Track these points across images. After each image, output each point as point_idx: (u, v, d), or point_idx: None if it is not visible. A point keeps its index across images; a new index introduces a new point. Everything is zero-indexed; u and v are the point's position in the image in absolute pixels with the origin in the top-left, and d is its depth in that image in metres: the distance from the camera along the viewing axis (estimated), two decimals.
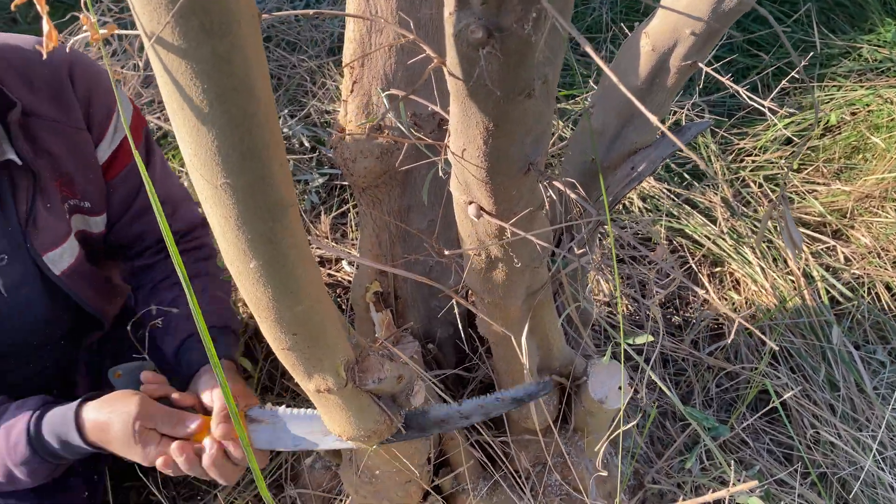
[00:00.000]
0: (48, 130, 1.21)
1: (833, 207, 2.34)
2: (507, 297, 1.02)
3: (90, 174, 1.29)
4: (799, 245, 0.75)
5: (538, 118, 0.65)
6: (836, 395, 1.82)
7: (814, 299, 2.04)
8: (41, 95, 1.20)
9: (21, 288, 1.27)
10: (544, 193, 0.80)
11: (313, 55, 2.87)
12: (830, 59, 2.83)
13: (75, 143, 1.25)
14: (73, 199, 1.29)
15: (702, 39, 1.00)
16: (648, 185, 2.37)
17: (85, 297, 1.37)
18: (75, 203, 1.30)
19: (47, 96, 1.20)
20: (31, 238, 1.23)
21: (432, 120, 1.17)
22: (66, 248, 1.30)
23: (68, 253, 1.31)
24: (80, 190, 1.29)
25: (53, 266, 1.28)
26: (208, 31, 0.51)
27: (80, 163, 1.27)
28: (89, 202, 1.32)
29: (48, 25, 0.51)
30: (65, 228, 1.29)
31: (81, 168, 1.28)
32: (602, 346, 1.91)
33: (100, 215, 1.36)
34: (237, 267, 0.71)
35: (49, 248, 1.27)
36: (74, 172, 1.27)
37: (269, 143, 0.61)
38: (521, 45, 0.53)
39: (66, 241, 1.30)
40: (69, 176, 1.26)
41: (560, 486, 1.35)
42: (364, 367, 0.94)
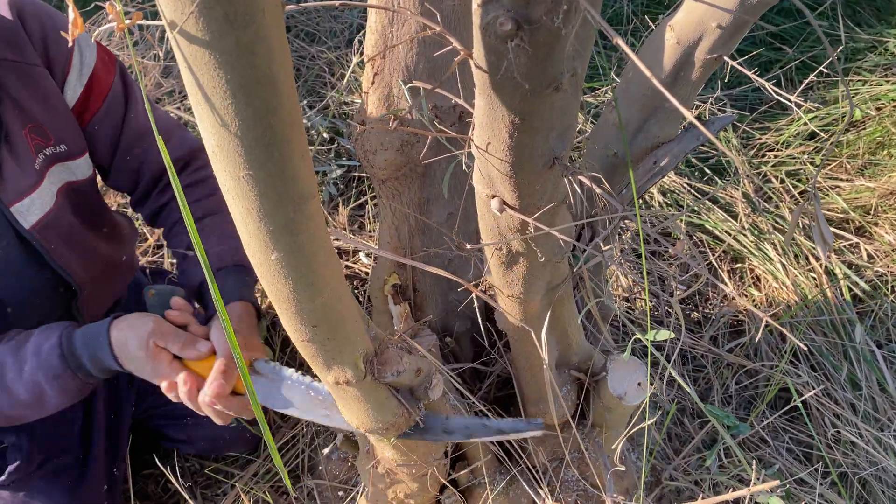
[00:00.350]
0: (7, 72, 1.17)
1: (856, 204, 2.31)
2: (527, 291, 1.01)
3: (57, 113, 1.25)
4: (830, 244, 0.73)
5: (565, 112, 0.64)
6: (857, 394, 1.80)
7: (836, 297, 2.01)
8: None
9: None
10: (568, 188, 0.79)
11: (332, 46, 2.86)
12: (856, 54, 2.78)
13: (36, 82, 1.21)
14: (48, 147, 1.25)
15: (728, 32, 0.99)
16: (669, 179, 2.34)
17: (57, 255, 1.31)
18: (51, 151, 1.25)
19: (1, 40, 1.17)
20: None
21: (453, 113, 1.16)
22: (35, 198, 1.24)
23: (38, 204, 1.25)
24: (52, 134, 1.25)
25: (22, 218, 1.23)
26: (232, 22, 0.51)
27: (46, 103, 1.23)
28: (65, 145, 1.27)
29: (73, 13, 0.51)
30: (34, 178, 1.24)
31: (46, 107, 1.23)
32: (621, 341, 1.90)
33: (80, 157, 1.31)
34: (258, 258, 0.71)
35: (16, 199, 1.22)
36: (41, 115, 1.23)
37: (292, 135, 0.60)
38: (551, 37, 0.52)
39: (35, 191, 1.24)
40: (37, 121, 1.22)
41: (577, 481, 1.34)
42: (383, 360, 0.94)
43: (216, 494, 1.70)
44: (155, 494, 1.71)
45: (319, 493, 1.56)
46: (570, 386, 1.29)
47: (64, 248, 1.33)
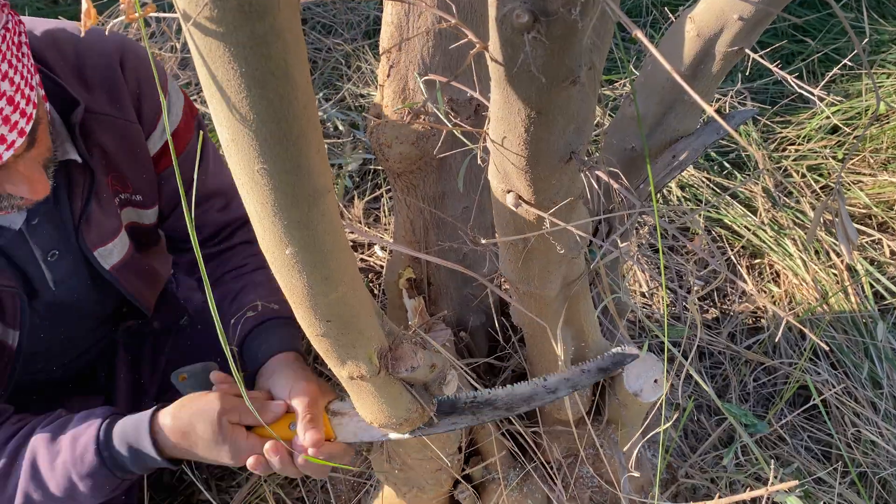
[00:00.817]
0: (101, 125, 1.19)
1: (880, 199, 2.27)
2: (543, 287, 1.00)
3: (141, 168, 1.28)
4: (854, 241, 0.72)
5: (582, 106, 0.63)
6: (878, 392, 1.77)
7: (857, 294, 1.98)
8: (94, 89, 1.17)
9: (68, 281, 1.28)
10: (585, 183, 0.78)
11: (349, 38, 2.86)
12: (880, 46, 2.73)
13: (127, 138, 1.23)
14: (125, 193, 1.28)
15: (750, 24, 0.97)
16: (687, 173, 2.32)
17: (132, 290, 1.37)
18: (126, 196, 1.29)
19: (100, 90, 1.18)
20: (83, 234, 1.23)
21: (469, 106, 1.16)
22: (117, 243, 1.30)
23: (118, 248, 1.31)
24: (131, 184, 1.28)
25: (104, 261, 1.28)
26: (247, 13, 0.50)
27: (132, 157, 1.25)
28: (141, 195, 1.31)
29: (86, 4, 0.51)
30: (115, 224, 1.28)
31: (133, 162, 1.26)
32: (637, 337, 1.88)
33: (151, 208, 1.35)
34: (273, 253, 0.70)
35: (100, 244, 1.27)
36: (126, 168, 1.25)
37: (307, 128, 0.60)
38: (568, 30, 0.51)
39: (118, 237, 1.29)
40: (121, 171, 1.25)
41: (592, 478, 1.33)
42: (397, 355, 0.94)
43: (230, 486, 1.71)
44: (170, 485, 1.72)
45: (333, 486, 1.56)
46: None
47: (137, 281, 1.38)
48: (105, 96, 1.19)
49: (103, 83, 1.18)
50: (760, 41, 2.66)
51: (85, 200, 1.20)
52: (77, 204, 1.20)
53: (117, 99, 1.20)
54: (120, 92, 1.20)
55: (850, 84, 2.62)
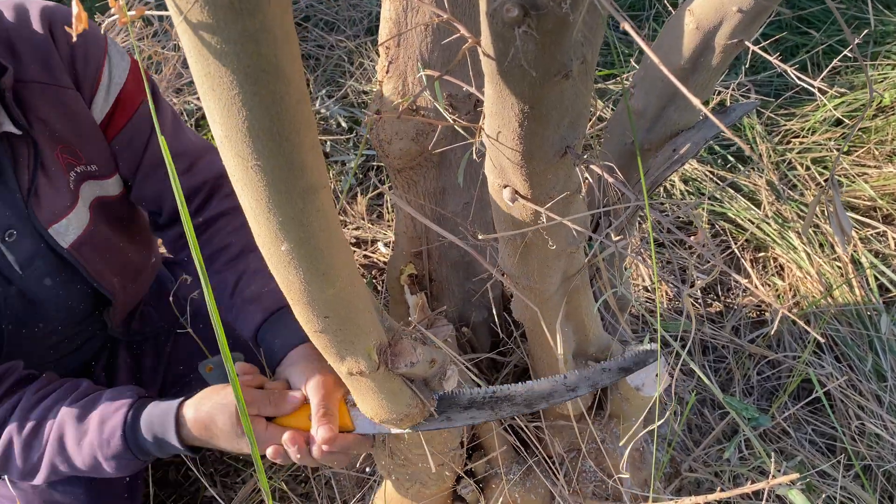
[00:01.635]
0: (37, 95, 1.15)
1: (884, 191, 2.26)
2: (542, 281, 1.00)
3: (88, 136, 1.23)
4: (849, 233, 0.71)
5: (575, 100, 0.63)
6: (883, 385, 1.76)
7: (862, 287, 1.97)
8: (25, 58, 1.14)
9: (33, 261, 1.24)
10: (581, 177, 0.78)
11: (351, 35, 2.86)
12: (885, 37, 2.71)
13: (65, 104, 1.19)
14: (79, 166, 1.24)
15: (749, 17, 0.96)
16: (690, 167, 2.31)
17: (94, 270, 1.31)
18: (82, 170, 1.24)
19: (31, 58, 1.14)
20: (34, 210, 1.19)
21: (468, 101, 1.16)
22: (72, 218, 1.25)
23: (74, 224, 1.25)
24: (83, 154, 1.24)
25: (60, 238, 1.24)
26: (237, 10, 0.51)
27: (75, 124, 1.21)
28: (95, 165, 1.26)
29: (77, 7, 0.51)
30: (69, 199, 1.24)
31: (77, 130, 1.21)
32: (640, 331, 1.88)
33: (111, 177, 1.29)
34: (269, 249, 0.70)
35: (54, 220, 1.22)
36: (72, 136, 1.21)
37: (300, 125, 0.60)
38: (559, 24, 0.51)
39: (72, 212, 1.24)
40: (67, 141, 1.21)
41: (594, 472, 1.33)
42: (396, 351, 0.94)
43: (235, 482, 1.72)
44: (175, 481, 1.73)
45: (337, 481, 1.57)
46: None
47: (100, 262, 1.32)
48: (37, 65, 1.15)
49: (35, 52, 1.15)
50: (763, 33, 2.65)
51: (32, 174, 1.17)
52: (24, 177, 1.16)
53: (49, 66, 1.16)
54: (51, 58, 1.16)
55: (854, 76, 2.60)
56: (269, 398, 1.10)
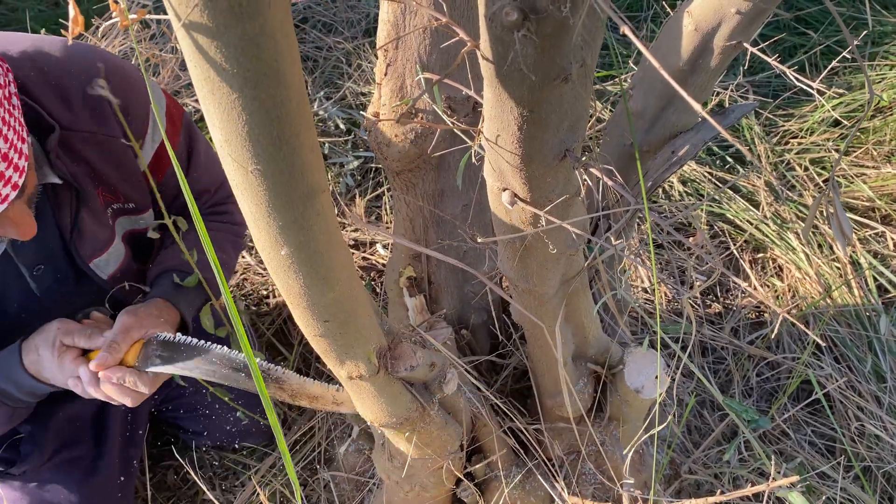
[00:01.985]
0: (85, 142, 1.20)
1: (883, 192, 2.26)
2: (541, 284, 1.00)
3: (130, 178, 1.29)
4: (849, 236, 0.71)
5: (575, 103, 0.63)
6: (882, 386, 1.76)
7: (861, 287, 1.97)
8: (77, 109, 1.18)
9: (54, 288, 1.30)
10: (580, 180, 0.78)
11: (349, 36, 2.86)
12: (883, 37, 2.72)
13: (112, 152, 1.24)
14: (117, 203, 1.30)
15: (748, 19, 0.97)
16: (689, 168, 2.31)
17: (125, 296, 1.39)
18: (119, 206, 1.31)
19: (83, 109, 1.19)
20: (76, 246, 1.25)
21: (467, 104, 1.15)
22: (112, 252, 1.32)
23: (114, 258, 1.33)
24: (122, 194, 1.30)
25: (100, 271, 1.31)
26: (237, 14, 0.50)
27: (119, 169, 1.26)
28: (133, 203, 1.32)
29: (74, 10, 0.51)
30: (108, 234, 1.30)
31: (120, 174, 1.27)
32: (639, 333, 1.88)
33: (146, 212, 1.36)
34: (269, 254, 0.70)
35: (95, 255, 1.29)
36: (114, 179, 1.27)
37: (300, 129, 0.59)
38: (558, 27, 0.51)
39: (112, 246, 1.32)
40: (109, 183, 1.27)
41: (594, 475, 1.33)
42: (396, 355, 0.94)
43: (234, 486, 1.71)
44: (174, 485, 1.73)
45: (336, 484, 1.56)
46: (586, 379, 1.27)
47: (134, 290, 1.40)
48: (88, 115, 1.19)
49: (86, 103, 1.19)
50: (762, 34, 2.65)
51: (74, 214, 1.22)
52: (65, 220, 1.22)
53: (101, 116, 1.21)
54: (103, 110, 1.21)
55: (853, 76, 2.60)
56: (85, 331, 1.17)
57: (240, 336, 0.63)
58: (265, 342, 1.90)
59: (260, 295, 2.04)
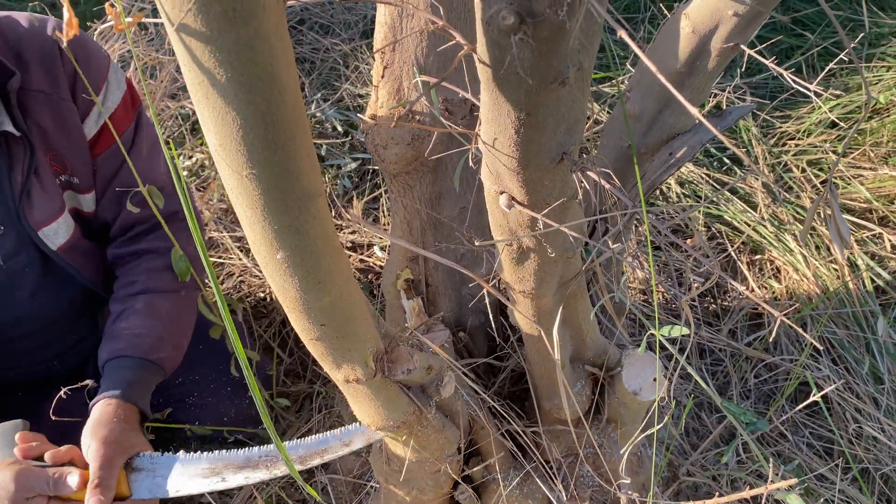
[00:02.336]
0: (37, 102, 1.21)
1: (880, 193, 2.26)
2: (539, 287, 1.00)
3: (77, 149, 1.29)
4: (847, 239, 0.71)
5: (572, 107, 0.63)
6: (880, 388, 1.76)
7: (858, 289, 1.97)
8: (31, 67, 1.20)
9: (16, 257, 1.28)
10: (578, 183, 0.78)
11: (346, 38, 2.85)
12: (880, 39, 2.72)
13: (63, 116, 1.24)
14: (64, 175, 1.30)
15: (745, 21, 0.97)
16: (686, 169, 2.31)
17: (84, 272, 1.37)
18: (66, 178, 1.30)
19: (36, 67, 1.20)
20: (25, 212, 1.24)
21: (464, 106, 1.15)
22: (62, 223, 1.30)
23: (63, 229, 1.31)
24: (69, 165, 1.29)
25: (49, 241, 1.29)
26: (231, 18, 0.50)
27: (69, 137, 1.27)
28: (78, 178, 1.32)
29: (69, 13, 0.51)
30: (58, 204, 1.29)
31: (69, 142, 1.27)
32: (637, 335, 1.88)
33: (89, 192, 1.35)
34: (264, 258, 0.70)
35: (44, 224, 1.27)
36: (63, 147, 1.27)
37: (296, 133, 0.59)
38: (555, 31, 0.51)
39: (61, 217, 1.30)
40: (58, 151, 1.27)
41: (592, 477, 1.33)
42: (393, 358, 0.93)
43: (231, 489, 1.70)
44: None
45: (333, 487, 1.56)
46: (584, 381, 1.27)
47: (90, 265, 1.38)
48: (42, 74, 1.21)
49: (41, 62, 1.20)
50: (759, 36, 2.65)
51: (25, 176, 1.22)
52: (17, 178, 1.21)
53: (53, 77, 1.22)
54: (56, 70, 1.22)
55: (850, 78, 2.60)
56: (46, 480, 1.11)
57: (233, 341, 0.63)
58: (262, 344, 1.90)
59: (257, 297, 2.03)
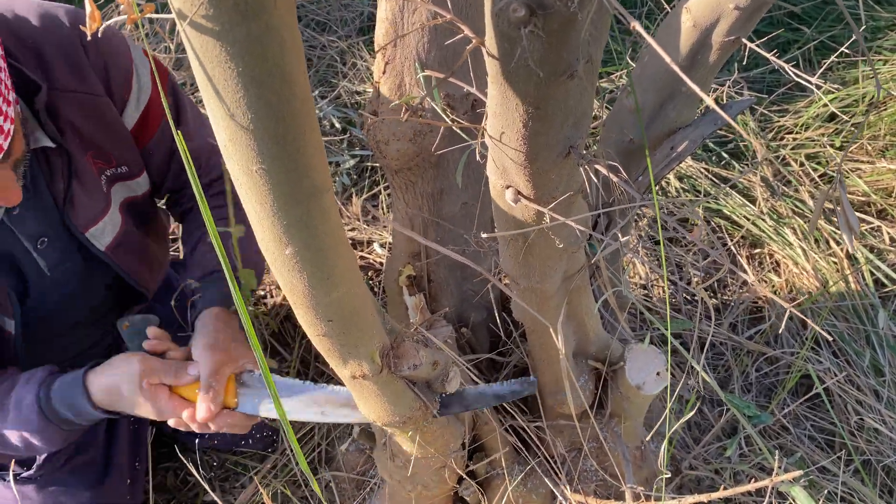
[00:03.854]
0: (68, 102, 1.18)
1: (878, 186, 2.27)
2: (543, 281, 1.00)
3: (119, 139, 1.27)
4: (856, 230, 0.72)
5: (580, 100, 0.63)
6: (881, 380, 1.77)
7: (858, 282, 1.98)
8: (56, 68, 1.16)
9: (62, 265, 1.28)
10: (585, 176, 0.78)
11: (343, 35, 2.85)
12: (876, 33, 2.73)
13: (97, 111, 1.22)
14: (110, 169, 1.28)
15: (746, 14, 0.97)
16: (686, 164, 2.31)
17: (128, 269, 1.37)
18: (112, 172, 1.29)
19: (62, 67, 1.17)
20: (70, 216, 1.23)
21: (466, 101, 1.15)
22: (108, 221, 1.30)
23: (110, 227, 1.30)
24: (114, 157, 1.28)
25: (96, 241, 1.28)
26: (243, 12, 0.50)
27: (106, 129, 1.25)
28: (126, 166, 1.30)
29: (90, 7, 0.50)
30: (103, 202, 1.28)
31: (108, 134, 1.25)
32: (638, 329, 1.88)
33: (140, 176, 1.34)
34: (273, 253, 0.70)
35: (90, 225, 1.27)
36: (102, 141, 1.25)
37: (305, 128, 0.59)
38: (566, 23, 0.51)
39: (107, 215, 1.29)
40: (98, 146, 1.25)
41: (596, 471, 1.33)
42: (399, 354, 0.93)
43: (234, 487, 1.71)
44: (174, 487, 1.72)
45: (337, 484, 1.56)
46: (587, 375, 1.27)
47: (134, 260, 1.38)
48: (68, 73, 1.17)
49: (65, 59, 1.17)
50: (756, 30, 2.65)
51: (67, 182, 1.21)
52: (58, 187, 1.20)
53: (81, 74, 1.19)
54: (82, 67, 1.19)
55: (847, 71, 2.61)
56: (169, 369, 1.17)
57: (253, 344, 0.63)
58: (264, 343, 1.90)
59: (258, 295, 2.03)
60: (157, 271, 1.52)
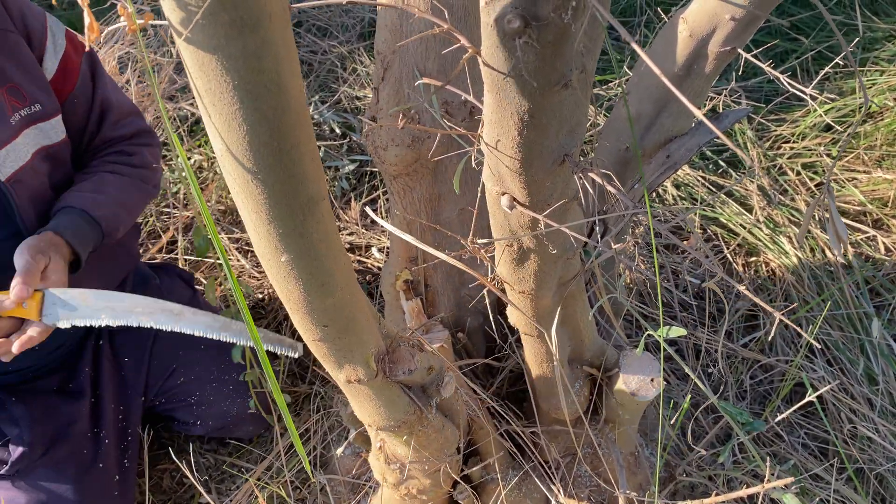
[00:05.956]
0: None
1: (874, 196, 2.28)
2: (538, 287, 1.01)
3: (32, 78, 1.34)
4: (844, 240, 0.72)
5: (574, 109, 0.64)
6: (874, 389, 1.78)
7: (852, 291, 1.99)
8: None
9: None
10: (578, 184, 0.78)
11: (344, 40, 2.86)
12: (873, 43, 2.74)
13: (12, 47, 1.30)
14: (24, 108, 1.33)
15: (742, 25, 0.98)
16: (683, 172, 2.32)
17: (23, 210, 1.36)
18: (26, 112, 1.33)
19: None
20: None
21: (464, 108, 1.16)
22: (10, 150, 1.31)
23: (12, 157, 1.32)
24: (28, 95, 1.33)
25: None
26: (239, 27, 0.51)
27: (21, 66, 1.31)
28: (39, 104, 1.35)
29: (89, 17, 0.51)
30: (8, 132, 1.31)
31: (23, 71, 1.32)
32: (634, 336, 1.89)
33: (54, 117, 1.39)
34: (269, 261, 0.71)
35: None
36: (17, 76, 1.31)
37: (301, 139, 0.60)
38: (559, 34, 0.52)
39: (10, 144, 1.31)
40: (13, 81, 1.31)
41: (590, 477, 1.34)
42: (394, 359, 0.94)
43: (230, 489, 1.71)
44: (170, 488, 1.73)
45: (332, 487, 1.56)
46: (582, 381, 1.28)
47: (29, 206, 1.37)
48: None
49: None
50: (754, 40, 2.67)
51: None
52: None
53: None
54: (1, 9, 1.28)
55: (844, 81, 2.62)
56: None
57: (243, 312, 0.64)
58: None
59: (255, 298, 2.04)
60: None
